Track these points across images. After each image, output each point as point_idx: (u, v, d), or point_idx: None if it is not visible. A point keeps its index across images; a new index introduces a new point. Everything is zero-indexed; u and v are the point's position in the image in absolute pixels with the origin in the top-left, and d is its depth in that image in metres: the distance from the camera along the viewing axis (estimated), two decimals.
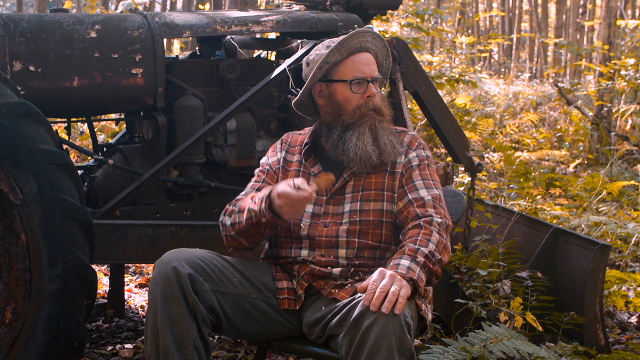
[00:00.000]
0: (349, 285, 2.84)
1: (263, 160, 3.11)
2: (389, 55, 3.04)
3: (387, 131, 2.93)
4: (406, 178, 2.92)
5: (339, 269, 2.86)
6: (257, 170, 3.10)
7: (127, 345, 4.08)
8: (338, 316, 2.67)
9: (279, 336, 2.92)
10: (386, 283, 2.53)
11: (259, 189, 3.00)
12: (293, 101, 3.05)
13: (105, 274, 4.95)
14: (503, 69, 23.93)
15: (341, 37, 2.94)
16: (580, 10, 22.46)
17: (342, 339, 2.56)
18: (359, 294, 2.64)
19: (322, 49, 2.97)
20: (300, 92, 3.00)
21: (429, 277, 2.73)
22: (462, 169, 6.32)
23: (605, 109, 10.48)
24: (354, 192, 2.92)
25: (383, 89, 3.01)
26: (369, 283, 2.55)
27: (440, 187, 2.95)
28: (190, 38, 11.71)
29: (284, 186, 2.75)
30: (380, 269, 2.60)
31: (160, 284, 2.72)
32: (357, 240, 2.88)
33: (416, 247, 2.72)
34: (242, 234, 2.90)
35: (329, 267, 2.86)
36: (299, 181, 2.75)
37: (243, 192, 3.04)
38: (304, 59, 3.04)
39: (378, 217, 2.89)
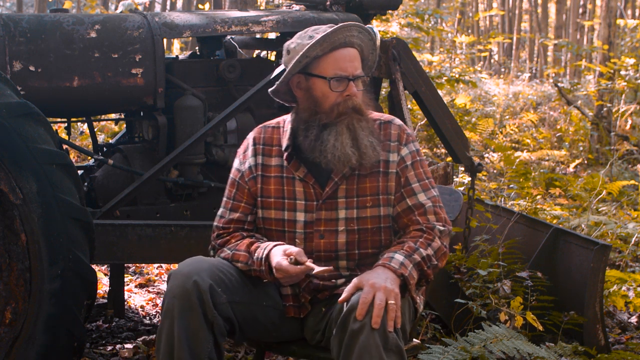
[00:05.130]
0: None
1: (235, 164, 2.92)
2: (376, 49, 2.87)
3: (367, 131, 2.76)
4: (403, 181, 2.81)
5: (343, 279, 2.81)
6: (229, 180, 2.93)
7: (127, 345, 4.08)
8: (332, 317, 2.67)
9: (283, 340, 2.89)
10: (382, 297, 2.50)
11: (232, 209, 2.88)
12: (270, 90, 2.88)
13: (105, 274, 4.95)
14: (503, 69, 23.93)
15: (325, 30, 2.77)
16: (580, 10, 22.46)
17: (333, 341, 2.56)
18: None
19: (304, 38, 2.78)
20: (278, 82, 2.83)
21: (420, 278, 2.72)
22: (462, 169, 6.32)
23: (605, 109, 10.48)
24: (348, 197, 2.80)
25: (363, 86, 2.83)
26: (362, 297, 2.50)
27: (434, 183, 2.87)
28: (190, 38, 11.70)
29: (280, 260, 2.67)
30: (371, 282, 2.54)
31: (178, 297, 2.63)
32: (356, 251, 2.81)
33: (415, 246, 2.71)
34: None
35: (332, 280, 2.81)
36: (296, 251, 2.67)
37: (219, 212, 2.91)
38: (285, 45, 2.86)
39: (376, 223, 2.81)
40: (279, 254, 2.70)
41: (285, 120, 2.91)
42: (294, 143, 2.84)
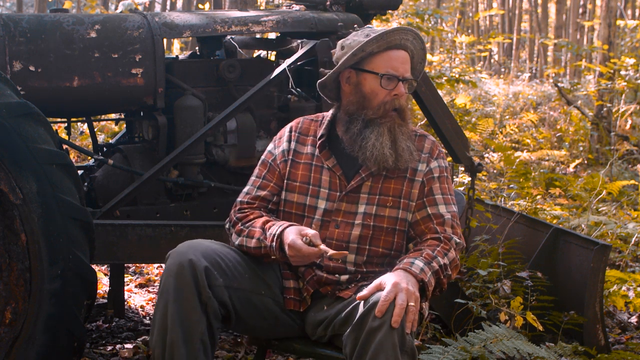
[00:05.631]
0: (353, 285, 2.84)
1: (269, 148, 3.02)
2: (425, 60, 2.98)
3: (406, 136, 2.86)
4: (427, 190, 2.88)
5: (347, 276, 2.84)
6: (259, 162, 3.02)
7: (127, 345, 4.08)
8: (342, 314, 2.68)
9: (282, 335, 2.91)
10: (404, 298, 2.51)
11: (260, 187, 2.95)
12: (318, 81, 2.97)
13: (105, 274, 4.95)
14: (503, 69, 23.93)
15: (383, 29, 2.88)
16: (580, 10, 22.46)
17: (347, 338, 2.57)
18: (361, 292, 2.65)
19: (361, 35, 2.88)
20: (329, 74, 2.93)
21: (435, 286, 2.74)
22: (462, 169, 6.32)
23: (605, 109, 10.48)
24: (371, 194, 2.86)
25: (409, 91, 2.94)
26: (384, 295, 2.51)
27: (455, 201, 2.94)
28: (190, 38, 11.71)
29: (295, 237, 2.70)
30: (393, 281, 2.56)
31: (174, 275, 2.68)
32: (367, 247, 2.86)
33: (433, 254, 2.74)
34: (249, 255, 2.89)
35: (336, 275, 2.84)
36: (312, 233, 2.70)
37: (245, 189, 2.99)
38: (339, 42, 2.96)
39: (392, 224, 2.86)
40: (294, 232, 2.73)
41: (325, 115, 3.01)
42: (329, 134, 2.94)
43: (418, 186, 2.88)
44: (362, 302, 2.57)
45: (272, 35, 5.16)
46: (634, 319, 4.74)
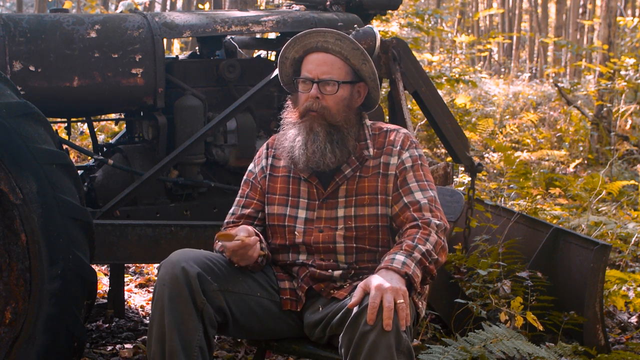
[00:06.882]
0: (348, 284, 2.84)
1: (250, 167, 3.07)
2: (368, 60, 2.88)
3: (325, 137, 2.83)
4: (401, 181, 2.87)
5: (340, 271, 2.86)
6: (242, 182, 3.07)
7: (127, 345, 4.08)
8: (338, 315, 2.68)
9: (281, 335, 2.92)
10: (391, 299, 2.49)
11: (244, 205, 3.00)
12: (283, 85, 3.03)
13: (105, 274, 4.95)
14: (503, 69, 23.93)
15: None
16: (580, 10, 22.45)
17: (342, 338, 2.57)
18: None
19: None
20: (284, 86, 3.01)
21: (424, 275, 2.72)
22: (462, 169, 6.32)
23: (605, 109, 10.48)
24: (347, 196, 2.88)
25: (337, 92, 2.84)
26: (370, 302, 2.49)
27: (434, 187, 2.92)
28: (190, 38, 11.70)
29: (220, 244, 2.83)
30: (376, 284, 2.53)
31: (168, 284, 2.69)
32: (354, 245, 2.86)
33: (414, 244, 2.71)
34: None
35: (329, 270, 2.86)
36: (233, 231, 2.79)
37: (231, 210, 3.04)
38: None
39: (373, 222, 2.86)
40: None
41: None
42: None
43: (392, 180, 2.88)
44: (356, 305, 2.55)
45: (272, 35, 5.16)
46: (634, 319, 4.74)
